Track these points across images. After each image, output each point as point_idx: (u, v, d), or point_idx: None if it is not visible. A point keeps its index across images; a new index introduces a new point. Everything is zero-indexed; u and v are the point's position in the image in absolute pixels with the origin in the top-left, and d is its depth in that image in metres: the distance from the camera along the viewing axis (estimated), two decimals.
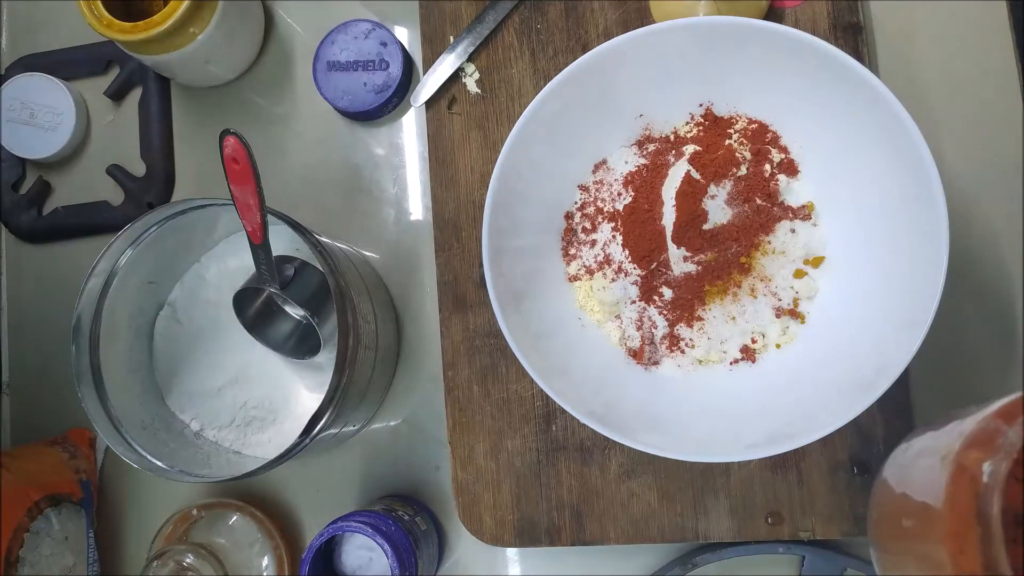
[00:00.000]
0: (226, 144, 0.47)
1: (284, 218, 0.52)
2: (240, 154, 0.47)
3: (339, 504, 0.62)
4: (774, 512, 0.54)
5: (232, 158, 0.48)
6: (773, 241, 0.52)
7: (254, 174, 0.48)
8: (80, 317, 0.54)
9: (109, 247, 0.54)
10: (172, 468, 0.53)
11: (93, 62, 0.70)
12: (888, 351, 0.45)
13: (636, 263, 0.53)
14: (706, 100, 0.53)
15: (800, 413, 0.47)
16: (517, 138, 0.49)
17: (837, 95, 0.47)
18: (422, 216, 0.64)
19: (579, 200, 0.55)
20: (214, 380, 0.60)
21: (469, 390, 0.58)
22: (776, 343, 0.52)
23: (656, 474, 0.56)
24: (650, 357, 0.53)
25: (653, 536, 0.55)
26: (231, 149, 0.47)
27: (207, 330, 0.61)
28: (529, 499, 0.57)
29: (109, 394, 0.54)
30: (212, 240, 0.61)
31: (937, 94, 0.58)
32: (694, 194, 0.51)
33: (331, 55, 0.63)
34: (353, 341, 0.51)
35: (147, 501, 0.65)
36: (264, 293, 0.57)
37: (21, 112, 0.68)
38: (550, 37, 0.60)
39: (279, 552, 0.60)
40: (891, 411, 0.53)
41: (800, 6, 0.57)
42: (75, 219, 0.68)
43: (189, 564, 0.58)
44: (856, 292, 0.50)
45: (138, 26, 0.57)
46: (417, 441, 0.62)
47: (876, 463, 0.53)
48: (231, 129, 0.47)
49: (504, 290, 0.49)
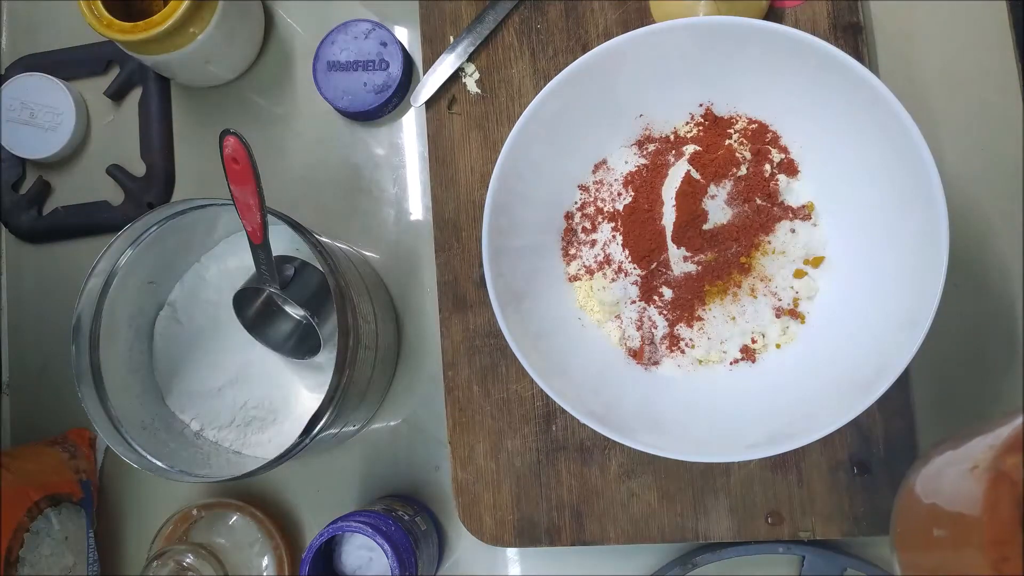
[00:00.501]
0: (226, 144, 0.47)
1: (284, 218, 0.52)
2: (240, 154, 0.47)
3: (339, 504, 0.62)
4: (774, 512, 0.54)
5: (232, 158, 0.48)
6: (773, 241, 0.52)
7: (254, 174, 0.48)
8: (80, 317, 0.54)
9: (109, 247, 0.54)
10: (172, 468, 0.53)
11: (93, 62, 0.70)
12: (888, 351, 0.45)
13: (636, 263, 0.53)
14: (706, 100, 0.53)
15: (800, 413, 0.47)
16: (517, 138, 0.49)
17: (837, 95, 0.47)
18: (422, 216, 0.64)
19: (579, 200, 0.55)
20: (214, 380, 0.60)
21: (469, 390, 0.58)
22: (776, 343, 0.52)
23: (656, 474, 0.56)
24: (650, 357, 0.53)
25: (653, 536, 0.55)
26: (231, 149, 0.47)
27: (207, 330, 0.61)
28: (529, 499, 0.57)
29: (109, 394, 0.55)
30: (212, 240, 0.61)
31: (937, 94, 0.58)
32: (694, 194, 0.51)
33: (331, 55, 0.63)
34: (353, 341, 0.51)
35: (147, 501, 0.65)
36: (264, 293, 0.57)
37: (21, 112, 0.68)
38: (550, 37, 0.60)
39: (279, 552, 0.60)
40: (891, 411, 0.53)
41: (800, 6, 0.57)
42: (75, 219, 0.68)
43: (189, 564, 0.58)
44: (856, 292, 0.50)
45: (138, 26, 0.57)
46: (417, 441, 0.62)
47: (876, 463, 0.53)
48: (231, 129, 0.47)
49: (504, 290, 0.49)
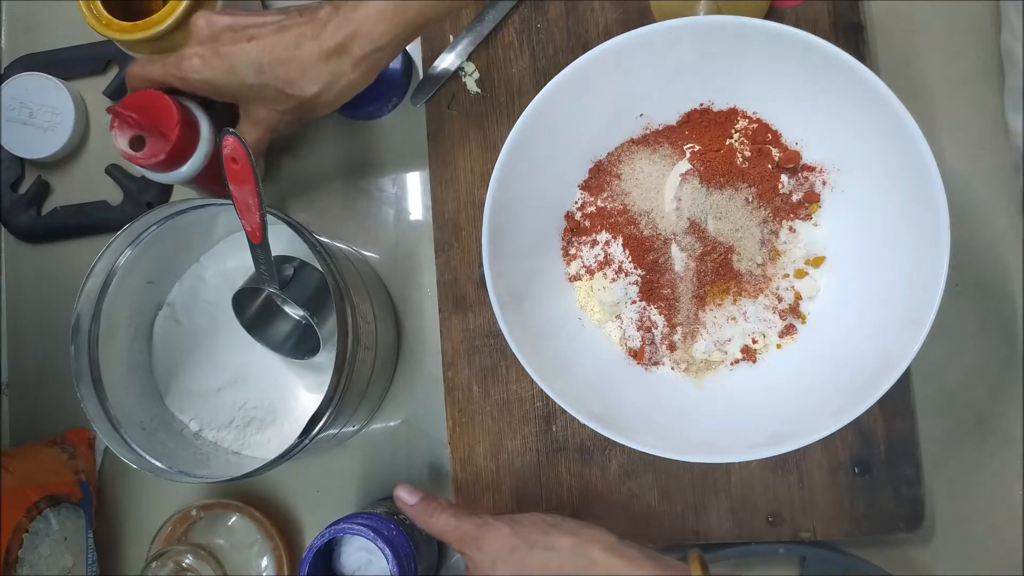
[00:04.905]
0: (225, 144, 0.47)
1: (283, 218, 0.52)
2: (239, 154, 0.47)
3: (339, 505, 0.62)
4: (775, 512, 0.54)
5: (231, 158, 0.47)
6: (774, 241, 0.52)
7: (253, 174, 0.48)
8: (79, 317, 0.54)
9: (108, 247, 0.54)
10: (171, 468, 0.53)
11: (92, 62, 0.69)
12: (889, 351, 0.45)
13: (636, 263, 0.52)
14: (706, 100, 0.53)
15: (801, 413, 0.47)
16: (517, 138, 0.49)
17: (838, 95, 0.47)
18: (422, 216, 0.64)
19: (579, 200, 0.55)
20: (213, 380, 0.59)
21: (469, 390, 0.58)
22: (777, 343, 0.52)
23: (656, 474, 0.55)
24: (650, 357, 0.53)
25: (653, 536, 0.55)
26: (230, 149, 0.47)
27: (206, 330, 0.60)
28: (529, 500, 0.56)
29: (108, 394, 0.54)
30: (211, 240, 0.61)
31: (937, 94, 0.58)
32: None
33: None
34: (352, 341, 0.51)
35: (146, 501, 0.65)
36: (263, 293, 0.56)
37: (20, 112, 0.68)
38: (550, 36, 0.60)
39: (278, 553, 0.60)
40: (892, 411, 0.53)
41: (800, 6, 0.57)
42: (74, 219, 0.68)
43: (188, 565, 0.58)
44: (857, 292, 0.50)
45: (137, 25, 0.57)
46: (417, 441, 0.62)
47: (877, 463, 0.53)
48: (230, 129, 0.47)
49: (504, 290, 0.49)
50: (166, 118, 0.53)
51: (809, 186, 0.52)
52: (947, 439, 0.55)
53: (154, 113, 0.53)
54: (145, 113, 0.53)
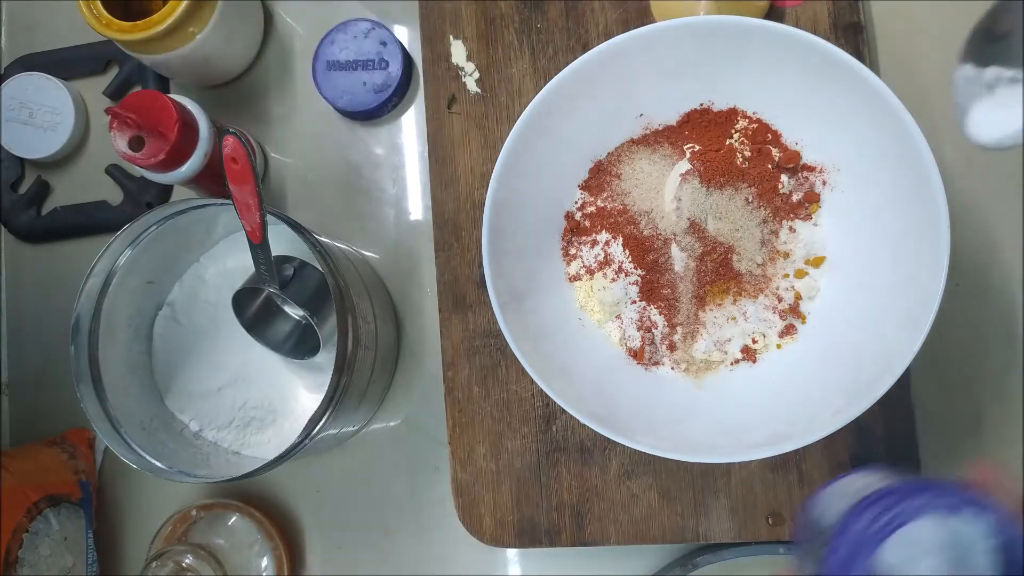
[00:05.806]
0: (225, 144, 0.47)
1: (283, 218, 0.52)
2: (239, 154, 0.47)
3: (339, 504, 0.62)
4: (775, 513, 0.54)
5: (231, 158, 0.47)
6: (774, 241, 0.52)
7: (253, 174, 0.48)
8: (79, 317, 0.54)
9: (108, 247, 0.54)
10: (171, 468, 0.53)
11: (92, 62, 0.69)
12: (889, 351, 0.45)
13: (636, 263, 0.52)
14: (706, 100, 0.53)
15: (801, 413, 0.47)
16: (517, 138, 0.49)
17: (838, 95, 0.47)
18: (422, 216, 0.64)
19: (579, 200, 0.55)
20: (213, 380, 0.59)
21: (469, 390, 0.58)
22: (777, 343, 0.52)
23: (656, 475, 0.55)
24: (650, 357, 0.53)
25: (654, 537, 0.55)
26: (230, 149, 0.47)
27: (206, 330, 0.60)
28: (529, 500, 0.56)
29: (108, 394, 0.54)
30: (211, 240, 0.61)
31: (937, 94, 0.58)
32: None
33: (331, 54, 0.63)
34: (352, 341, 0.51)
35: (146, 501, 0.65)
36: (263, 293, 0.56)
37: (20, 112, 0.68)
38: (550, 36, 0.60)
39: (278, 553, 0.60)
40: (892, 411, 0.53)
41: (800, 6, 0.57)
42: (74, 219, 0.68)
43: (188, 565, 0.58)
44: (857, 292, 0.50)
45: (137, 25, 0.57)
46: (417, 441, 0.62)
47: (877, 463, 0.53)
48: (230, 129, 0.47)
49: (504, 290, 0.49)
50: (165, 118, 0.53)
51: (809, 186, 0.52)
52: (947, 439, 0.55)
53: (153, 113, 0.53)
54: (144, 113, 0.53)
